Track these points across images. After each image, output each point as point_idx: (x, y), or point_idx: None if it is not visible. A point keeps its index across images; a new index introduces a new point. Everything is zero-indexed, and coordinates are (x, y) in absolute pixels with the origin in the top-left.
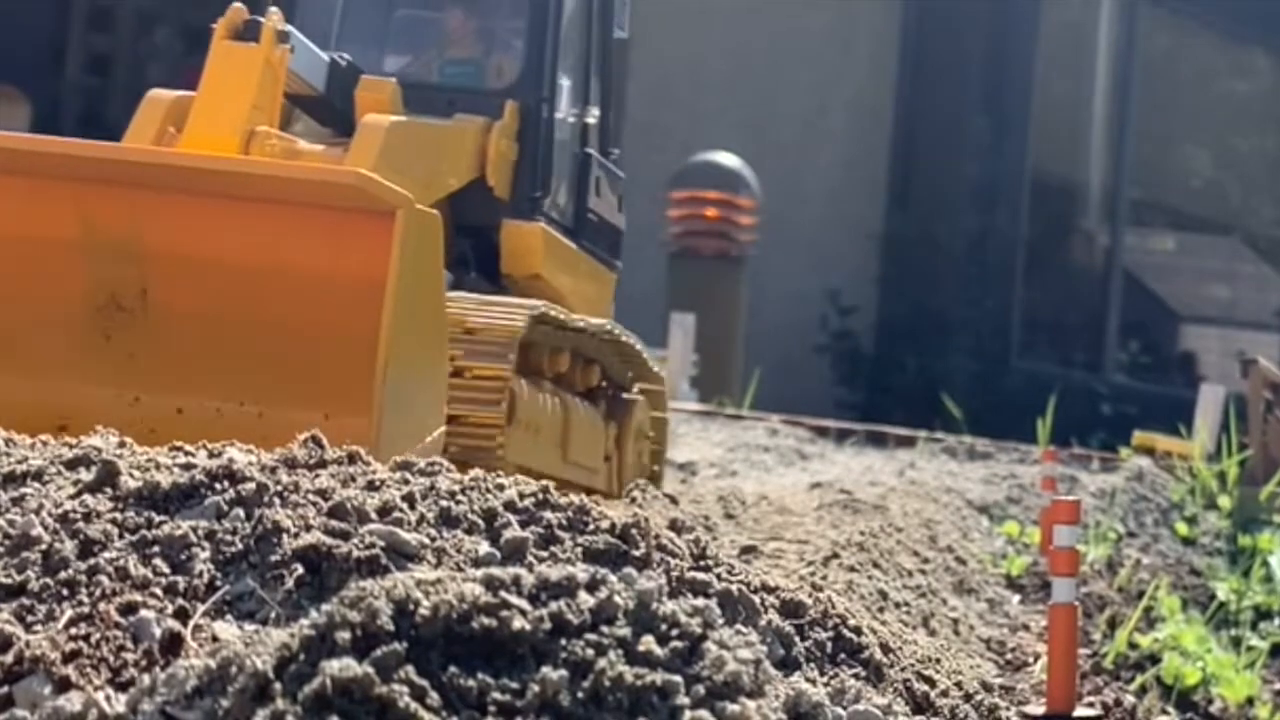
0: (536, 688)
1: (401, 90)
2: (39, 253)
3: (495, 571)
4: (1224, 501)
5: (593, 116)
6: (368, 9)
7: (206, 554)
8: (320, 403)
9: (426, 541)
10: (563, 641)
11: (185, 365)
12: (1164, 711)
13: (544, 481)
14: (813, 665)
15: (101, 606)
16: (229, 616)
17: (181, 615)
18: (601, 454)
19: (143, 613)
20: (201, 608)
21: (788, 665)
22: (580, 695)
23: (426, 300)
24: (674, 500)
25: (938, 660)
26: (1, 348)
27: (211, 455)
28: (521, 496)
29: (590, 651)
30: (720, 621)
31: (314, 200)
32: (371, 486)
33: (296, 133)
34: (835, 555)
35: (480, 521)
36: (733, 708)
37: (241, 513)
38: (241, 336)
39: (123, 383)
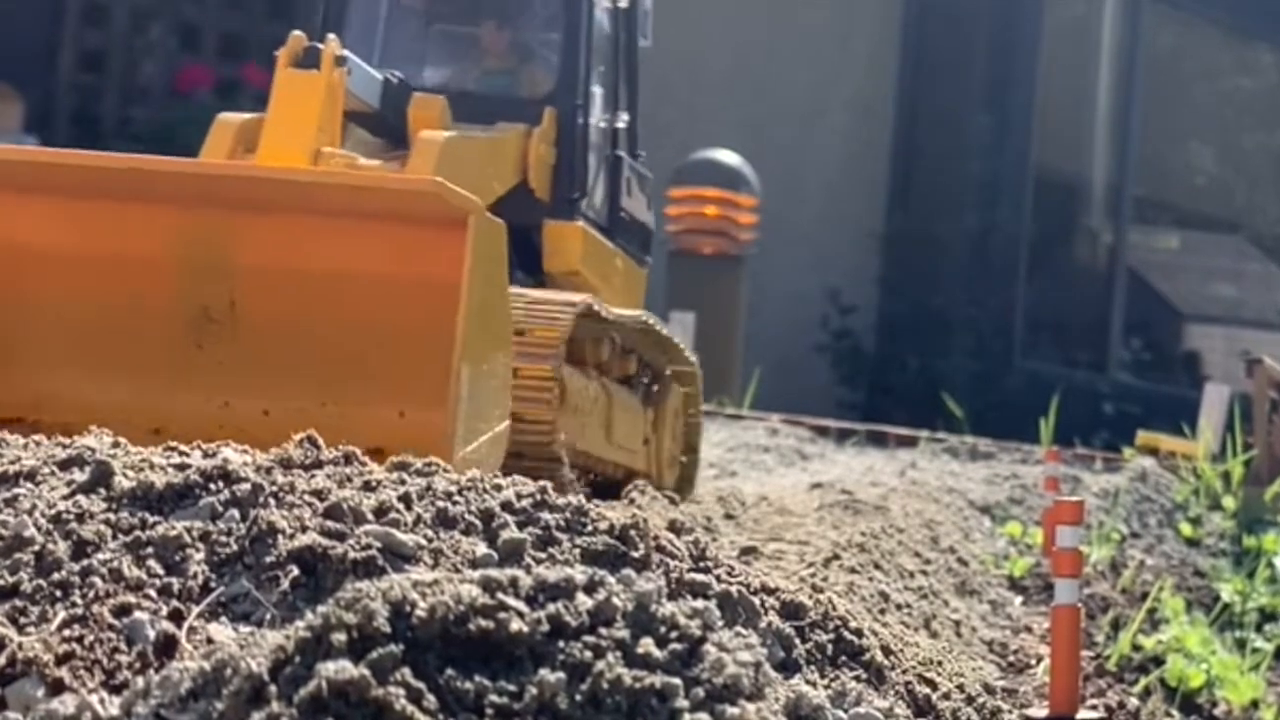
0: (534, 690)
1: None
2: (137, 271)
3: (493, 573)
4: (1229, 502)
5: (622, 121)
6: (407, 26)
7: (201, 555)
8: (398, 401)
9: (423, 542)
10: (561, 644)
11: (271, 370)
12: (1168, 714)
13: (542, 482)
14: (813, 668)
15: (95, 608)
16: (224, 618)
17: (176, 617)
18: (641, 437)
19: (137, 614)
20: (196, 609)
21: (788, 668)
22: (578, 698)
23: (494, 302)
24: (673, 501)
25: (939, 662)
26: (102, 358)
27: (206, 455)
28: (519, 497)
29: (588, 654)
30: (720, 623)
31: (392, 208)
32: (368, 487)
33: (348, 147)
34: (836, 556)
35: (477, 522)
36: (732, 711)
37: (236, 513)
38: (323, 341)
39: (213, 388)
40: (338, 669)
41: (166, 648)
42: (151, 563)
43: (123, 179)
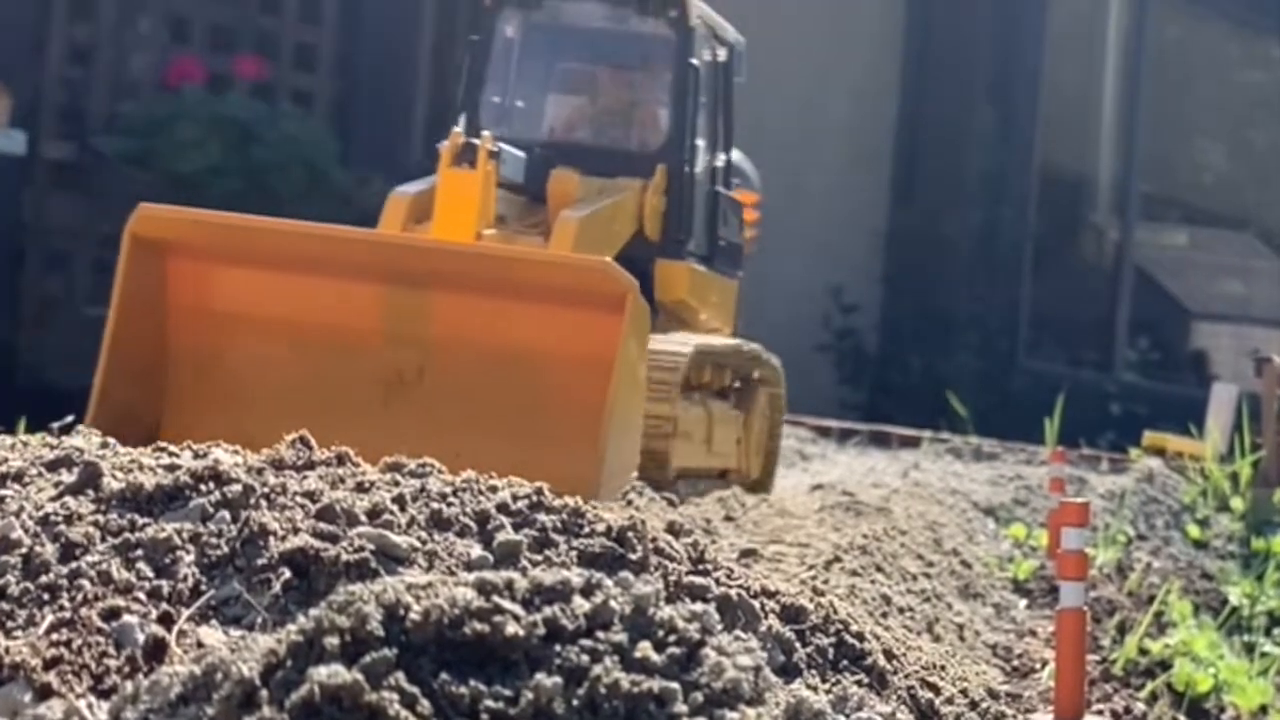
0: (530, 695)
1: (568, 149)
2: (347, 339)
3: (488, 575)
4: (1237, 503)
5: (721, 161)
6: (534, 68)
7: (191, 557)
8: (552, 458)
9: (417, 544)
10: (557, 648)
11: (448, 425)
12: None
13: (538, 483)
14: (814, 672)
15: (83, 611)
16: (214, 621)
17: (165, 620)
18: (734, 439)
19: (126, 618)
20: (186, 613)
21: (788, 672)
22: (575, 703)
23: (637, 367)
24: (672, 502)
25: (942, 667)
26: (309, 407)
27: (196, 456)
28: (515, 499)
29: (585, 658)
30: (719, 627)
31: (566, 282)
32: (361, 488)
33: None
34: (837, 559)
35: (472, 524)
36: (732, 716)
37: (227, 515)
38: (493, 402)
39: (398, 439)
40: (330, 673)
41: (156, 651)
42: (141, 565)
43: (340, 255)
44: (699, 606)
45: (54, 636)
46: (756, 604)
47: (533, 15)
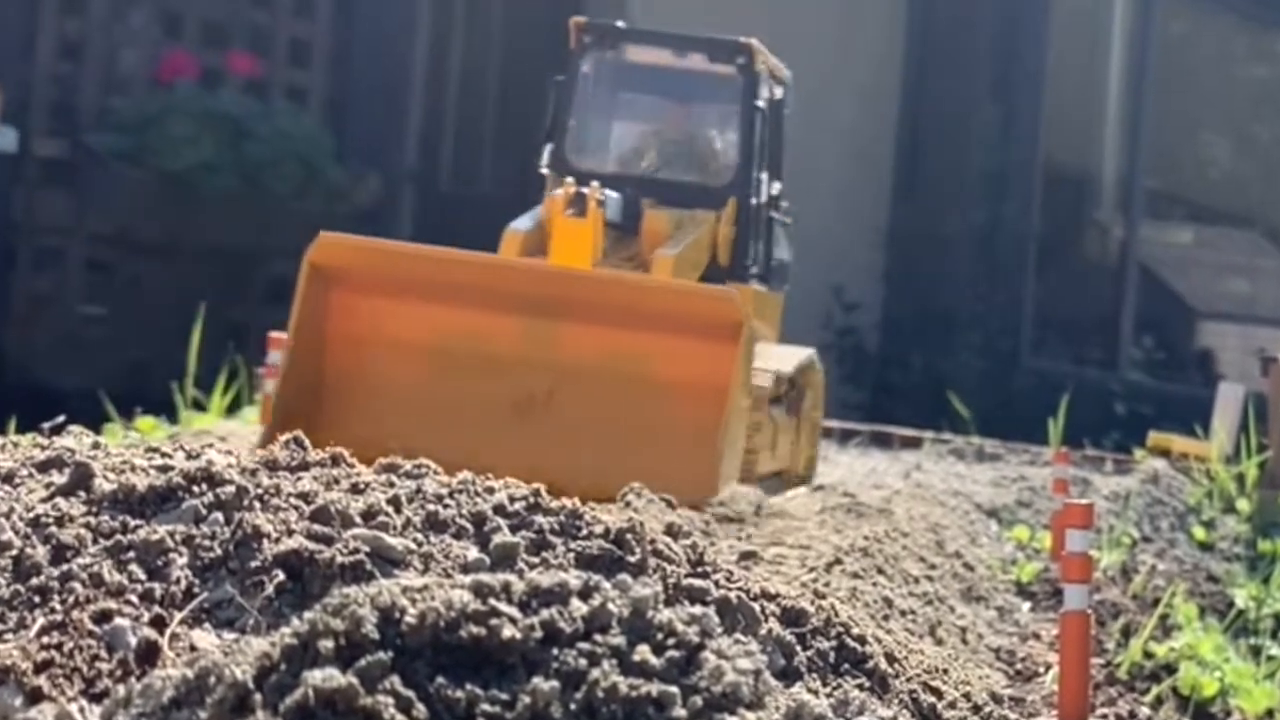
0: (527, 699)
1: (644, 182)
2: (486, 365)
3: (484, 578)
4: (1243, 505)
5: (776, 189)
6: (609, 121)
7: (184, 560)
8: (670, 477)
9: (413, 547)
10: (554, 651)
11: (575, 439)
12: None
13: (535, 485)
14: (815, 676)
15: (75, 614)
16: (207, 625)
17: (158, 623)
18: (790, 441)
19: (118, 621)
20: (179, 616)
21: (789, 676)
22: (573, 707)
23: (746, 386)
24: (670, 504)
25: (945, 670)
26: (448, 422)
27: (189, 457)
28: (512, 500)
29: (583, 661)
30: (718, 630)
31: (693, 309)
32: (356, 490)
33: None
34: (838, 561)
35: (469, 526)
36: None
37: (220, 517)
38: (616, 423)
39: (526, 453)
40: (325, 677)
41: (148, 655)
42: (133, 567)
43: (483, 284)
44: (698, 609)
45: (45, 640)
46: (756, 607)
47: (612, 56)
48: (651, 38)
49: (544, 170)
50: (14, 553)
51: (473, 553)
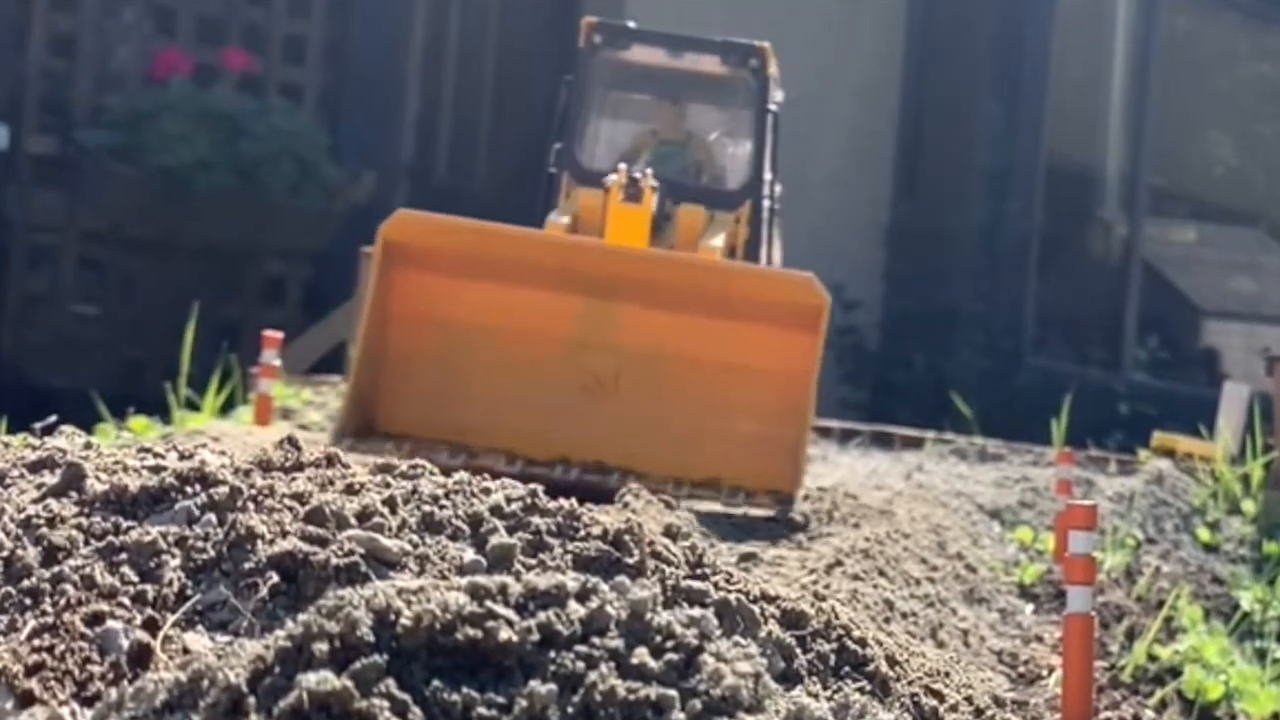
0: (524, 702)
1: (664, 185)
2: (551, 347)
3: (481, 580)
4: (1248, 506)
5: (779, 188)
6: (619, 121)
7: (177, 561)
8: (748, 473)
9: (408, 548)
10: (552, 654)
11: (640, 425)
12: None
13: (533, 485)
14: (815, 679)
15: (66, 617)
16: (200, 627)
17: (150, 626)
18: None
19: (110, 623)
20: (171, 618)
21: (789, 679)
22: (570, 710)
23: (818, 373)
24: (669, 505)
25: (947, 673)
26: (520, 402)
27: (182, 457)
28: (509, 501)
29: (581, 664)
30: (718, 633)
31: (771, 294)
32: (351, 490)
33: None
34: (839, 563)
35: (465, 527)
36: None
37: (214, 518)
38: (681, 406)
39: (594, 434)
40: (319, 680)
41: (141, 658)
42: (125, 569)
43: (548, 264)
44: (697, 612)
45: (36, 642)
46: (756, 609)
47: (623, 56)
48: (663, 39)
49: (552, 170)
50: (4, 554)
51: (469, 554)
